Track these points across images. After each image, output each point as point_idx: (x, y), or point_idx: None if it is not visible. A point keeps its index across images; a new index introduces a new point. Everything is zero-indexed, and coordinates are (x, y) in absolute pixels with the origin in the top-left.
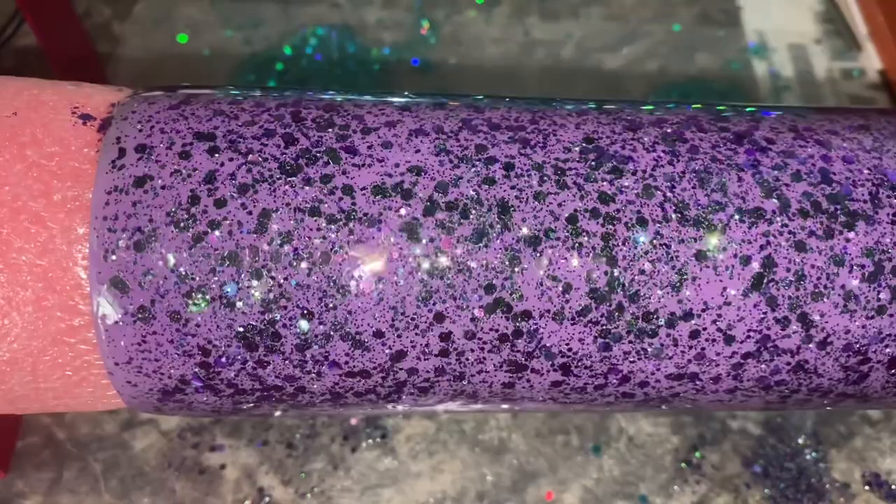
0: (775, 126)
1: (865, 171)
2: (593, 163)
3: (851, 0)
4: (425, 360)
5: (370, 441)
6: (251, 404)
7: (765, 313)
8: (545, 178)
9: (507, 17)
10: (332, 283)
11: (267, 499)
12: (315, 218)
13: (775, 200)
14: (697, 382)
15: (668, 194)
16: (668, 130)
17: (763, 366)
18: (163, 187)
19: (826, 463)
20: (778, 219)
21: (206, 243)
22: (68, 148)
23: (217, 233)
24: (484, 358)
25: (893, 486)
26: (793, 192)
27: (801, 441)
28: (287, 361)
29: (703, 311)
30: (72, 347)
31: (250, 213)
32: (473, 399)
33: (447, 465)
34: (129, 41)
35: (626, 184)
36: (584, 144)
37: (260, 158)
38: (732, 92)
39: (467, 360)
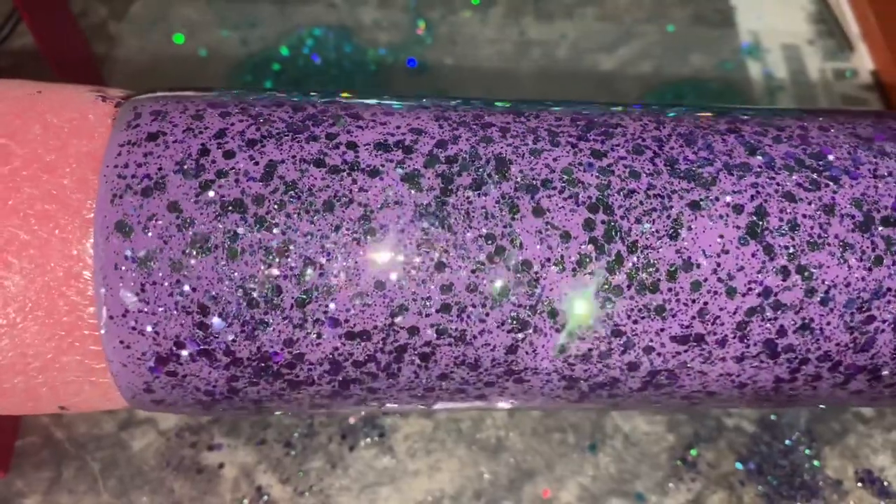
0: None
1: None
2: (584, 127)
3: (843, 0)
4: (426, 316)
5: (368, 440)
6: (246, 382)
7: (763, 262)
8: (539, 138)
9: (503, 17)
10: (335, 232)
11: (265, 497)
12: (320, 168)
13: (760, 157)
14: (704, 347)
15: (657, 150)
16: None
17: (768, 325)
18: (174, 141)
19: (819, 460)
20: (765, 172)
21: (214, 191)
22: (86, 115)
23: (224, 181)
24: (487, 314)
25: (886, 483)
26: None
27: (794, 438)
28: (286, 321)
29: (703, 258)
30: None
31: (257, 163)
32: (475, 370)
33: (445, 464)
34: (126, 41)
35: (617, 142)
36: (574, 115)
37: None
38: (727, 92)
39: (469, 316)
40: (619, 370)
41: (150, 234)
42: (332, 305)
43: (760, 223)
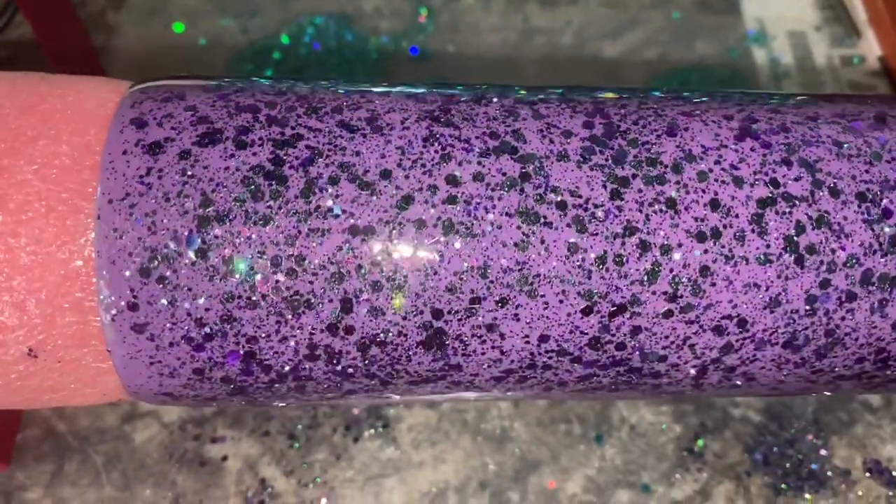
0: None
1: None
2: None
3: None
4: (433, 207)
5: (372, 431)
6: (246, 294)
7: (764, 155)
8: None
9: (506, 4)
10: (343, 126)
11: (269, 490)
12: (331, 84)
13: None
14: (721, 244)
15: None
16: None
17: (783, 220)
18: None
19: (827, 450)
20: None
21: (227, 91)
22: (98, 85)
23: (240, 83)
24: (494, 205)
25: (894, 473)
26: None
27: (801, 428)
28: (290, 217)
29: (704, 152)
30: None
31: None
32: (484, 276)
33: (449, 455)
34: (125, 31)
35: (610, 94)
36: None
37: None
38: (733, 79)
39: (476, 207)
40: (641, 283)
41: (163, 128)
42: (337, 194)
43: (753, 126)
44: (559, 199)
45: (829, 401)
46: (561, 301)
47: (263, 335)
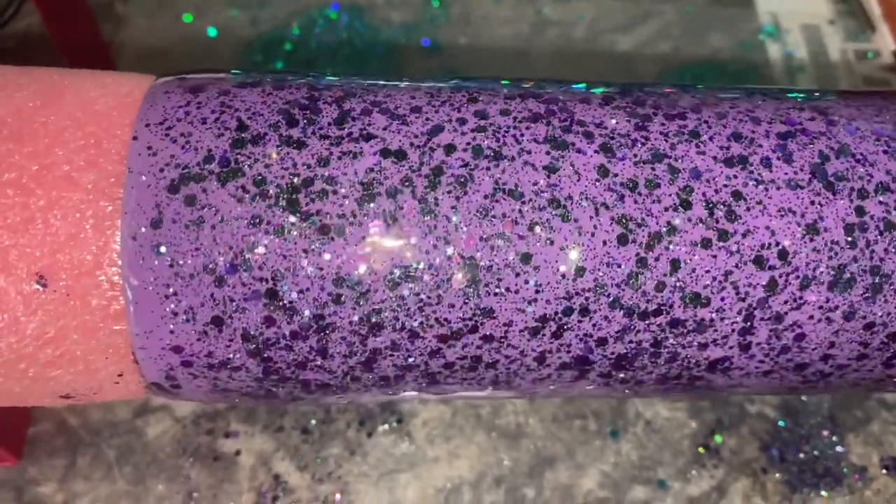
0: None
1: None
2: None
3: None
4: (462, 134)
5: (386, 426)
6: (275, 218)
7: (777, 104)
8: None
9: None
10: (373, 86)
11: (283, 485)
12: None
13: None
14: (749, 170)
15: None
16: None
17: (806, 149)
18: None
19: (843, 447)
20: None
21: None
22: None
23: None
24: (522, 135)
25: None
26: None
27: (818, 425)
28: (324, 140)
29: (720, 101)
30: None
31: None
32: (515, 200)
33: (464, 450)
34: (133, 22)
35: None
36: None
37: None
38: (746, 73)
39: (504, 135)
40: (673, 208)
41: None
42: (369, 124)
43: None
44: (585, 129)
45: (844, 398)
46: (595, 227)
47: (289, 268)
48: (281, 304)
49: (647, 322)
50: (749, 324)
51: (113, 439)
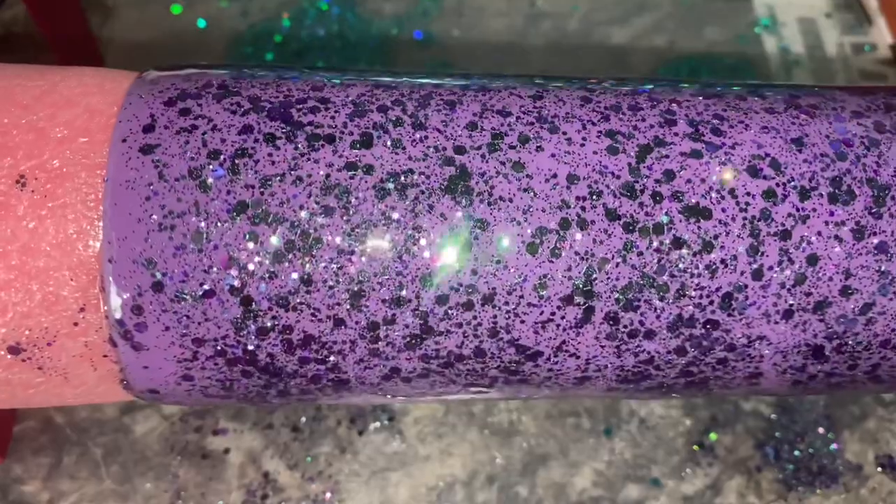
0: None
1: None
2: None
3: None
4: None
5: (377, 424)
6: (266, 128)
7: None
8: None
9: None
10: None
11: (272, 484)
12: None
13: None
14: (725, 103)
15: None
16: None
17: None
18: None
19: (839, 445)
20: None
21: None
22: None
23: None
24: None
25: None
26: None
27: (813, 423)
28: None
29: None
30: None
31: None
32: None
33: (456, 448)
34: (122, 12)
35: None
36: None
37: None
38: (742, 66)
39: (491, 80)
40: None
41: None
42: None
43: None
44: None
45: (840, 395)
46: (584, 139)
47: (276, 175)
48: (263, 210)
49: (647, 239)
50: (756, 238)
51: (100, 437)
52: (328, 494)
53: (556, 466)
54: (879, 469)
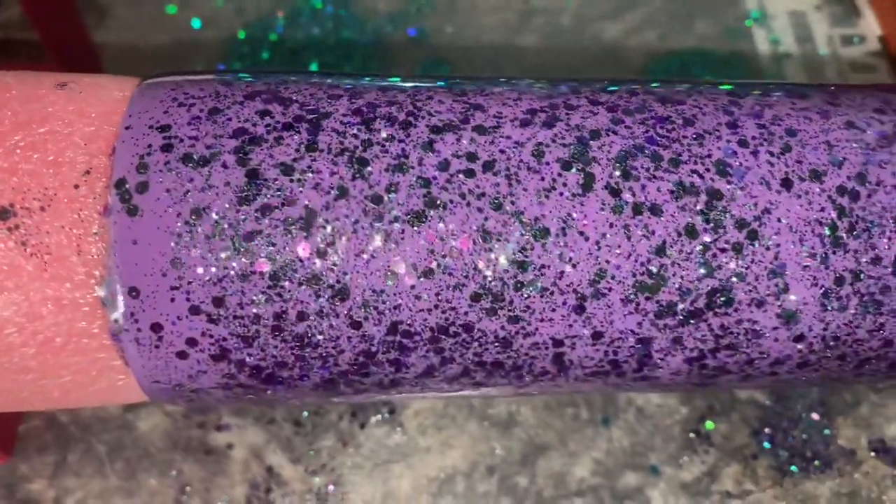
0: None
1: None
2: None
3: None
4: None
5: (378, 417)
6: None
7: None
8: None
9: None
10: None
11: (276, 478)
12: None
13: None
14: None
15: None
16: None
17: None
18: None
19: (832, 430)
20: None
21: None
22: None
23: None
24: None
25: None
26: None
27: (807, 409)
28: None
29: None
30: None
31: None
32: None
33: (456, 440)
34: (117, 12)
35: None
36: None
37: None
38: (733, 60)
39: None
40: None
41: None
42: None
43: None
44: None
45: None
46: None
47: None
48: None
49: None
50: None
51: (103, 434)
52: (331, 487)
53: (555, 456)
54: (872, 454)
